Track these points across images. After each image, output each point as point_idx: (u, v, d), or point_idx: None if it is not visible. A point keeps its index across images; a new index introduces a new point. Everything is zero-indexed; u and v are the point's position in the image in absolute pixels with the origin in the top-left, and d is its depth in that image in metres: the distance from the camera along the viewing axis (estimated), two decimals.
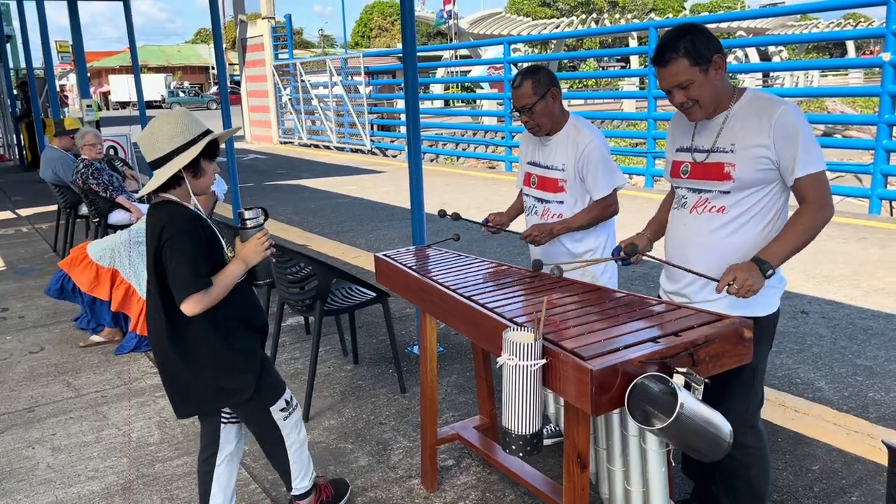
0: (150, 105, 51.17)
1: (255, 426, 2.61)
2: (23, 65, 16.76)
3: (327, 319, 4.45)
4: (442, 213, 3.48)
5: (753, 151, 2.22)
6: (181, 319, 2.35)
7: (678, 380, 1.84)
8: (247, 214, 2.44)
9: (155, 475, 3.28)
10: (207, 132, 2.41)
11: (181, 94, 54.83)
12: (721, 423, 1.85)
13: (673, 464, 2.07)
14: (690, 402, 1.76)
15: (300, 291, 3.83)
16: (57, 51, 24.62)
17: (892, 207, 10.40)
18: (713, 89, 2.26)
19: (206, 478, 2.62)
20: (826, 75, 30.12)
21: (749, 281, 2.11)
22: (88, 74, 11.56)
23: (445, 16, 28.35)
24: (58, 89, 14.25)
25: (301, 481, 2.72)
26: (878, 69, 8.95)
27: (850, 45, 32.63)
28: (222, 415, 2.58)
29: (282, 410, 2.61)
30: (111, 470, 3.34)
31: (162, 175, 2.32)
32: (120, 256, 4.78)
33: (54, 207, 8.44)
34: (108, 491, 3.16)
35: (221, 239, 2.45)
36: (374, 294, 4.06)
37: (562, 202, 3.08)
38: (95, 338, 4.97)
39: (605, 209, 3.05)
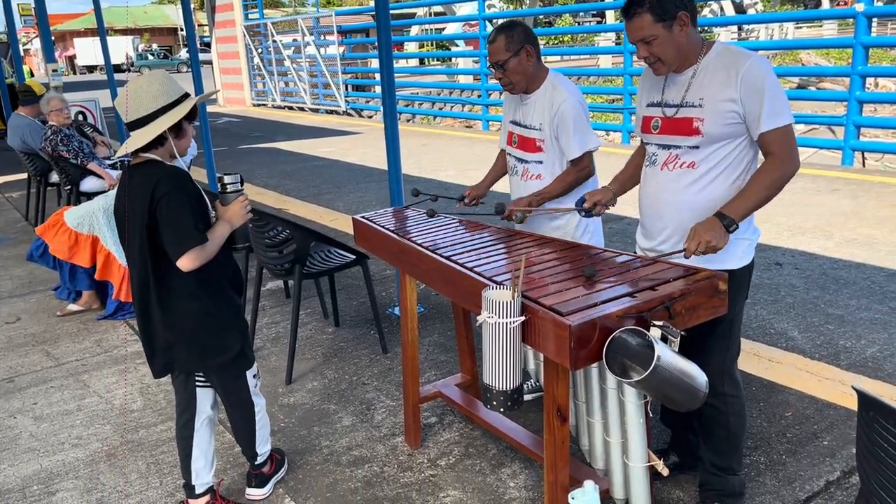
0: (118, 69, 50.11)
1: (230, 389, 2.63)
2: None
3: (307, 283, 4.44)
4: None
5: (722, 105, 2.22)
6: (170, 277, 2.37)
7: (655, 333, 1.87)
8: (227, 179, 2.52)
9: (139, 441, 3.29)
10: (187, 94, 2.40)
11: (150, 57, 53.61)
12: (697, 374, 1.89)
13: (651, 415, 2.12)
14: (667, 355, 1.80)
15: (279, 255, 3.82)
16: (19, 14, 23.89)
17: (864, 159, 10.53)
18: (677, 46, 2.25)
19: (186, 442, 2.64)
20: (801, 27, 30.08)
21: (712, 242, 2.15)
22: (53, 38, 11.25)
23: None
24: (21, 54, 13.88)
25: (263, 446, 2.79)
26: (851, 20, 8.96)
27: None
28: (196, 378, 2.60)
29: (254, 377, 2.68)
30: (95, 437, 3.35)
31: (148, 133, 2.31)
32: (99, 223, 4.72)
33: (24, 175, 8.28)
34: (93, 458, 3.17)
35: (206, 199, 2.46)
36: (354, 256, 4.06)
37: (540, 162, 3.04)
38: (73, 307, 4.94)
39: (579, 173, 2.99)
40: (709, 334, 2.36)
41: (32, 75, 22.87)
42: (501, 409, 2.02)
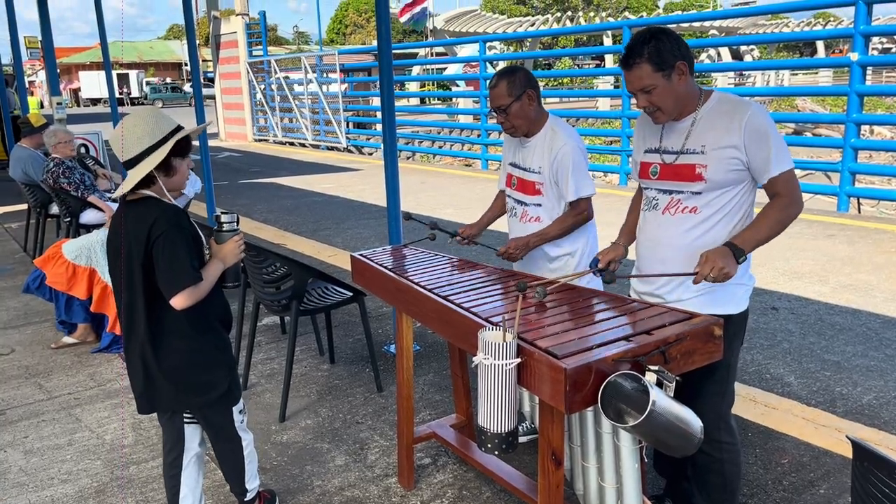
0: (133, 102, 51.49)
1: (217, 426, 2.61)
2: None
3: (303, 319, 4.44)
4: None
5: (725, 153, 2.27)
6: (163, 315, 2.37)
7: (650, 378, 1.87)
8: (224, 218, 2.53)
9: (129, 477, 3.25)
10: (177, 130, 2.41)
11: (163, 91, 54.86)
12: (692, 420, 1.88)
13: (646, 460, 2.11)
14: (662, 400, 1.79)
15: (276, 291, 3.82)
16: (26, 46, 24.20)
17: (859, 205, 10.60)
18: (675, 95, 2.29)
19: (174, 480, 2.62)
20: (796, 74, 30.56)
21: (725, 269, 2.17)
22: (58, 71, 11.39)
23: (419, 12, 28.31)
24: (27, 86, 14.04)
25: (252, 481, 2.76)
26: (846, 69, 9.11)
27: (820, 44, 33.13)
28: (184, 416, 2.58)
29: (240, 412, 2.66)
30: (85, 473, 3.31)
31: (133, 177, 2.33)
32: (97, 256, 4.73)
33: (24, 206, 8.31)
34: (82, 494, 3.13)
35: (202, 236, 2.47)
36: (351, 293, 4.06)
37: (539, 205, 3.06)
38: (68, 339, 4.91)
39: (577, 217, 3.00)
40: (705, 379, 2.36)
41: (42, 106, 23.07)
42: (496, 452, 2.01)
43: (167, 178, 2.39)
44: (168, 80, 61.47)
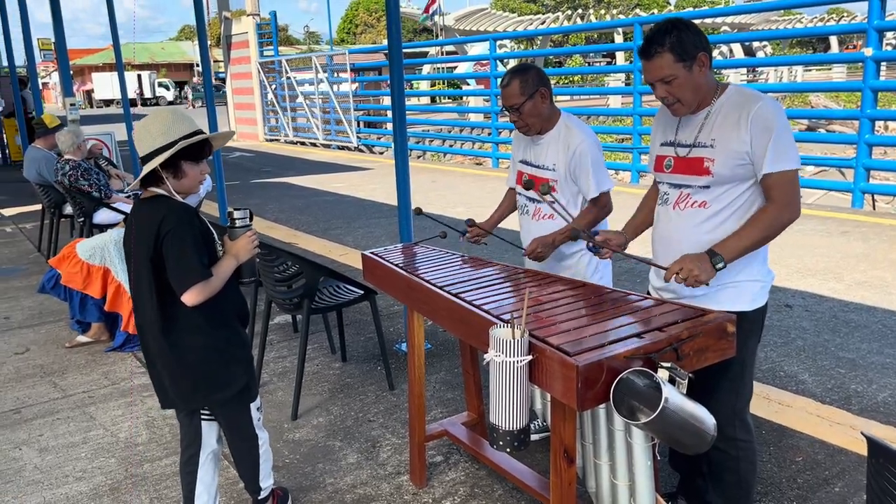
0: (146, 103, 52.33)
1: (235, 423, 2.62)
2: (4, 63, 16.58)
3: (315, 317, 4.45)
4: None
5: (733, 147, 2.24)
6: (176, 311, 2.38)
7: (662, 374, 1.86)
8: (236, 214, 2.54)
9: (143, 475, 3.27)
10: (194, 134, 2.39)
11: (200, 90, 56.07)
12: (705, 417, 1.87)
13: (658, 457, 2.10)
14: (675, 397, 1.78)
15: (287, 290, 3.83)
16: (39, 48, 24.38)
17: (874, 201, 10.51)
18: (695, 86, 2.28)
19: (190, 477, 2.63)
20: (810, 70, 30.34)
21: (696, 272, 2.17)
22: (71, 72, 11.48)
23: (430, 14, 28.45)
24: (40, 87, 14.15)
25: (266, 480, 2.77)
26: (860, 64, 9.03)
27: (834, 40, 32.87)
28: (201, 413, 2.59)
29: (258, 410, 2.67)
30: (99, 470, 3.33)
31: (142, 173, 2.36)
32: (110, 255, 4.76)
33: (38, 207, 8.37)
34: (97, 491, 3.15)
35: (213, 233, 2.48)
36: (362, 292, 4.07)
37: (552, 202, 3.07)
38: (82, 338, 4.95)
39: (601, 210, 3.04)
40: (721, 376, 2.34)
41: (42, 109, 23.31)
42: (508, 450, 2.01)
43: (176, 181, 2.40)
44: (166, 80, 62.64)
